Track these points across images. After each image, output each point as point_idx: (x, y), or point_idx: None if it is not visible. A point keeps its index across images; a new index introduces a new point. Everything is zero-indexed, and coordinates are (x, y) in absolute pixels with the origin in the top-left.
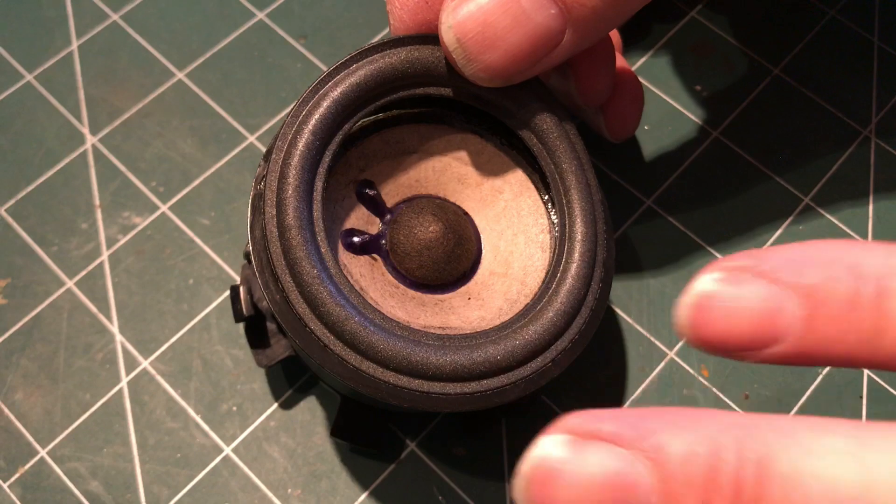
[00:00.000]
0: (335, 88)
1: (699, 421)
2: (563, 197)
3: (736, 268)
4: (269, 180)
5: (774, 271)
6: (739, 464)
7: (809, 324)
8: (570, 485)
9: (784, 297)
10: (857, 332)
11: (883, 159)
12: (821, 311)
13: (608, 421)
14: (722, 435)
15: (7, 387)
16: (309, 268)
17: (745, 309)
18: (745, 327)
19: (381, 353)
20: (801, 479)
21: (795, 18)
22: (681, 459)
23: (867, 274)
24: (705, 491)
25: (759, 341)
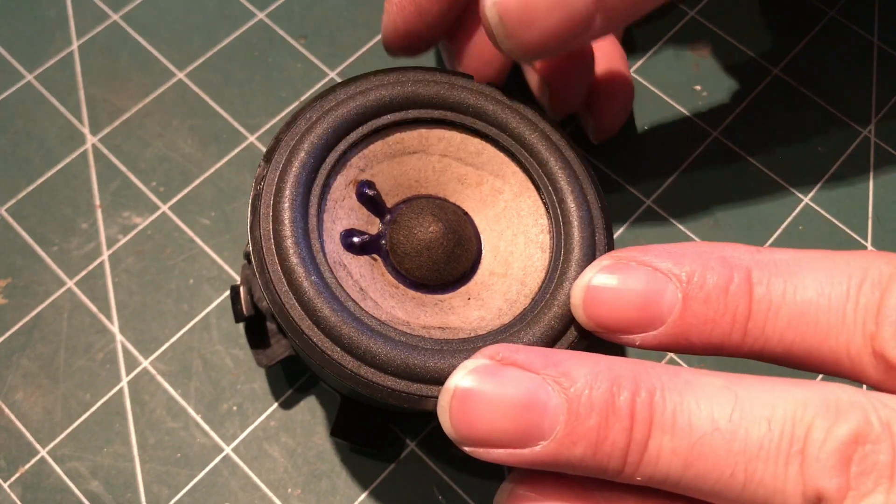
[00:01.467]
0: (340, 108)
1: (601, 358)
2: (559, 205)
3: (622, 258)
4: (267, 183)
5: (655, 261)
6: (635, 391)
7: (686, 306)
8: (486, 402)
9: (665, 283)
10: (730, 316)
11: (883, 159)
12: (697, 294)
13: (522, 351)
14: (620, 369)
15: (7, 386)
16: (304, 275)
17: (629, 292)
18: (630, 310)
19: (378, 358)
20: (685, 406)
21: (795, 18)
22: (584, 383)
23: (737, 265)
24: (605, 412)
25: (643, 323)
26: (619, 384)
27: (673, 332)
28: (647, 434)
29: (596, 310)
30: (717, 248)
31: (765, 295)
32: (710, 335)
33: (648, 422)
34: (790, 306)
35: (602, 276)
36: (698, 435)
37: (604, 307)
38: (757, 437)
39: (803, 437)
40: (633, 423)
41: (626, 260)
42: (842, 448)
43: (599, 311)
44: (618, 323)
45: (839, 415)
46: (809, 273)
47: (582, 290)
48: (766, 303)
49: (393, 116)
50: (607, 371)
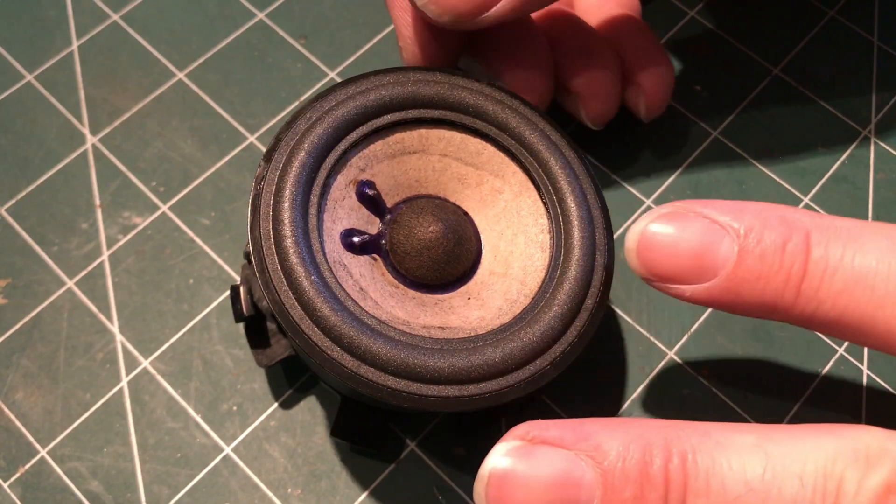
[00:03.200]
0: (340, 108)
1: (631, 424)
2: (559, 205)
3: (681, 206)
4: (267, 183)
5: (714, 213)
6: (667, 458)
7: (741, 260)
8: (523, 485)
9: (721, 235)
10: (784, 274)
11: (883, 159)
12: (753, 249)
13: (552, 428)
14: (650, 435)
15: (7, 386)
16: (304, 275)
17: (686, 241)
18: (685, 258)
19: (378, 357)
20: (718, 468)
21: (795, 18)
22: (617, 456)
23: (797, 226)
24: (640, 482)
25: (696, 273)
26: (650, 452)
27: (725, 286)
28: (683, 499)
29: (650, 255)
30: (778, 208)
31: (822, 257)
32: (763, 292)
33: (683, 487)
34: (847, 270)
35: (659, 223)
36: (733, 497)
37: (658, 253)
38: (790, 495)
39: (835, 490)
40: (668, 490)
41: (685, 209)
42: (874, 499)
43: (654, 256)
44: (671, 271)
45: (870, 465)
46: (871, 240)
47: (638, 235)
48: (823, 264)
49: (393, 116)
50: (638, 439)
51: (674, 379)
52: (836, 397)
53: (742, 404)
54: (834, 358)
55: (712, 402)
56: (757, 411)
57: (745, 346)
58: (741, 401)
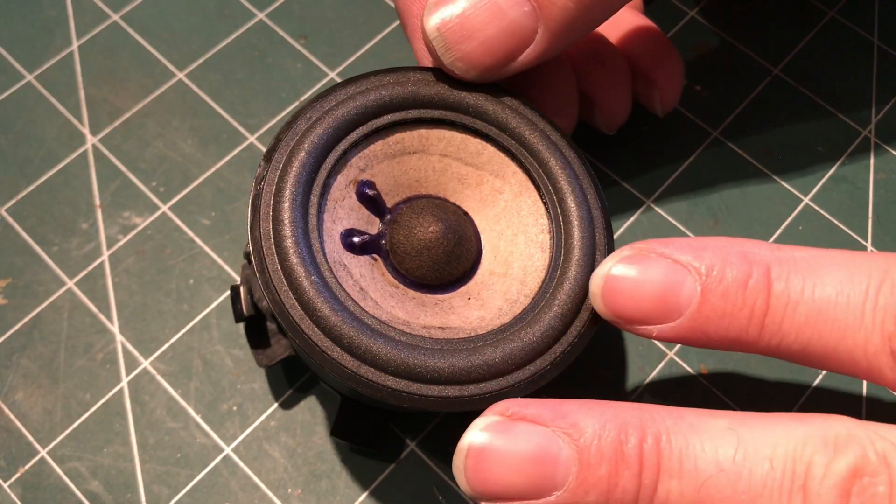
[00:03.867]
0: (340, 108)
1: (608, 405)
2: (559, 205)
3: (643, 248)
4: (267, 183)
5: (675, 253)
6: (642, 438)
7: (705, 299)
8: (500, 460)
9: (683, 275)
10: (748, 311)
11: (883, 159)
12: (716, 288)
13: (531, 405)
14: (626, 416)
15: (7, 387)
16: (304, 275)
17: (649, 283)
18: (649, 301)
19: (378, 357)
20: (691, 449)
21: (795, 18)
22: (593, 434)
23: (757, 260)
24: (615, 460)
25: (660, 314)
26: (626, 431)
27: (690, 325)
28: (656, 479)
29: (614, 299)
30: (737, 243)
31: (783, 291)
32: (728, 329)
33: (656, 467)
34: (808, 303)
35: (622, 265)
36: (704, 477)
37: (622, 297)
38: (760, 477)
39: (804, 473)
40: (641, 468)
41: (646, 251)
42: (841, 482)
43: (618, 300)
44: (636, 313)
45: (837, 450)
46: (829, 271)
47: (601, 279)
48: (785, 299)
49: (393, 116)
50: (614, 419)
51: (674, 379)
52: (837, 397)
53: (742, 404)
54: None
55: (712, 402)
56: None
57: None
58: (741, 401)
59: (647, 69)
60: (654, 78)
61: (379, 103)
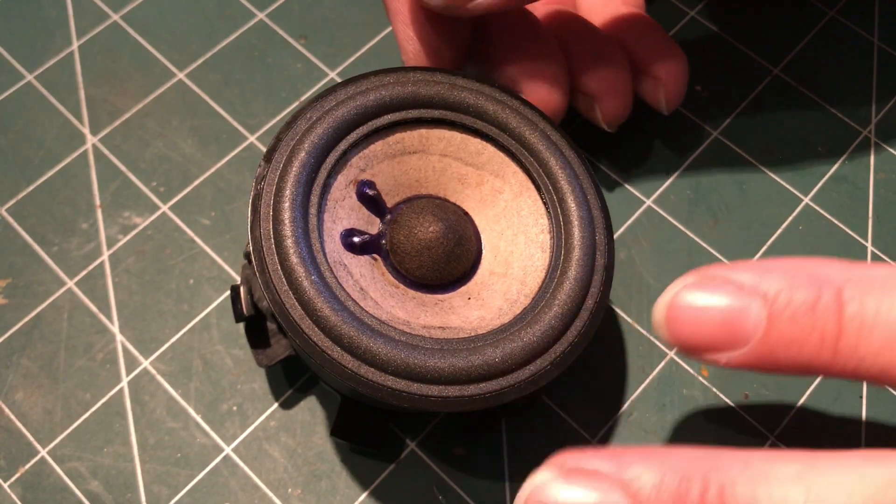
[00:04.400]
0: (340, 108)
1: (669, 454)
2: (559, 205)
3: (707, 275)
4: (267, 183)
5: (740, 278)
6: (704, 489)
7: (772, 325)
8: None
9: (749, 301)
10: (818, 335)
11: (883, 159)
12: (783, 313)
13: (590, 458)
14: (688, 465)
15: (7, 386)
16: (304, 275)
17: (713, 310)
18: (714, 328)
19: (378, 357)
20: (757, 500)
21: (795, 18)
22: (653, 487)
23: (827, 282)
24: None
25: (727, 342)
26: (687, 482)
27: (759, 352)
28: None
29: (679, 328)
30: (807, 264)
31: (857, 313)
32: (799, 354)
33: None
34: (885, 325)
35: (686, 293)
36: None
37: (687, 325)
38: None
39: None
40: None
41: (710, 277)
42: None
43: (683, 329)
44: (701, 341)
45: None
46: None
47: (665, 307)
48: (859, 321)
49: (393, 116)
50: (674, 470)
51: (674, 379)
52: (837, 397)
53: (742, 404)
54: None
55: (712, 402)
56: (757, 411)
57: None
58: (741, 401)
59: (650, 66)
60: (659, 75)
61: (379, 103)
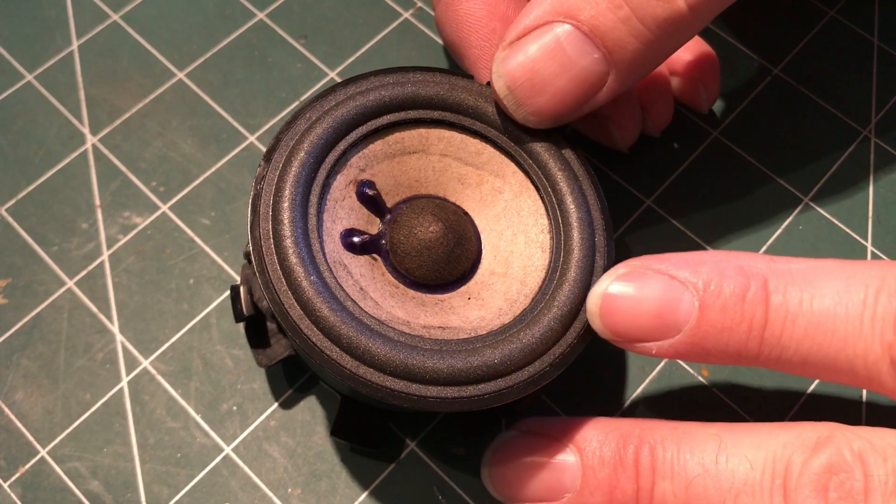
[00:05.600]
0: (340, 108)
1: (612, 422)
2: (558, 207)
3: (639, 266)
4: (267, 183)
5: (672, 269)
6: (639, 445)
7: (703, 315)
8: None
9: (681, 291)
10: (746, 324)
11: (883, 159)
12: (714, 303)
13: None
14: (628, 429)
15: (7, 386)
16: (304, 275)
17: (646, 300)
18: (647, 318)
19: (377, 358)
20: (681, 454)
21: (795, 18)
22: (597, 444)
23: (754, 273)
24: (614, 466)
25: (659, 332)
26: (625, 441)
27: (689, 341)
28: (652, 481)
29: (612, 318)
30: (734, 256)
31: (782, 303)
32: (727, 344)
33: (651, 470)
34: (807, 315)
35: (618, 284)
36: (692, 477)
37: (620, 315)
38: (742, 476)
39: (783, 472)
40: (637, 472)
41: (642, 268)
42: (818, 478)
43: (616, 319)
44: (634, 331)
45: (815, 450)
46: (826, 282)
47: (598, 298)
48: (783, 311)
49: (393, 117)
50: (616, 431)
51: (674, 379)
52: (837, 397)
53: (742, 404)
54: None
55: (712, 402)
56: (757, 411)
57: None
58: (741, 401)
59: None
60: (699, 77)
61: (379, 103)
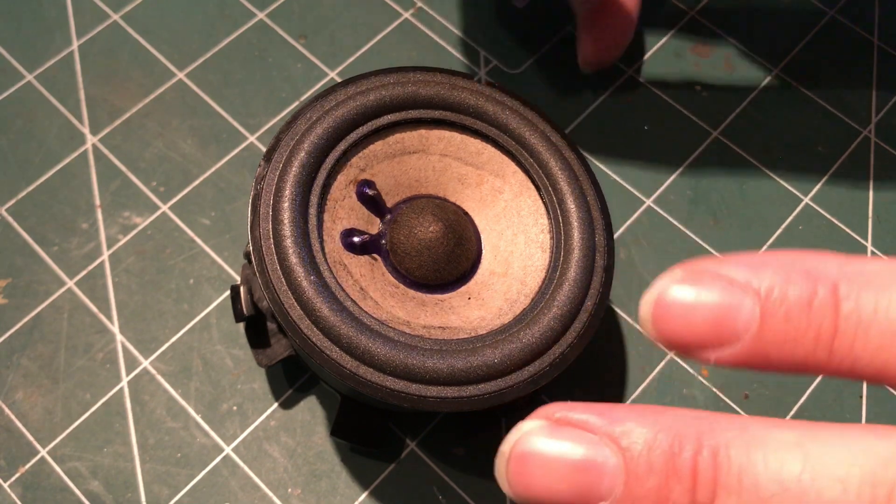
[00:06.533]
0: (340, 108)
1: (663, 413)
2: (559, 207)
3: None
4: (267, 183)
5: (731, 273)
6: (697, 449)
7: (765, 322)
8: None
9: (741, 297)
10: (813, 333)
11: (882, 159)
12: (777, 310)
13: (578, 410)
14: (682, 425)
15: (7, 386)
16: (303, 275)
17: (703, 306)
18: (703, 325)
19: (377, 358)
20: (752, 465)
21: (795, 18)
22: (644, 444)
23: (823, 277)
24: (666, 474)
25: (717, 339)
26: (680, 442)
27: (750, 350)
28: (712, 496)
29: (666, 325)
30: (801, 258)
31: (853, 311)
32: (792, 353)
33: (712, 482)
34: (882, 323)
35: (674, 288)
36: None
37: (674, 322)
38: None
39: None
40: (695, 484)
41: (699, 271)
42: None
43: (670, 326)
44: (690, 339)
45: None
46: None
47: (652, 303)
48: (855, 319)
49: (393, 116)
50: (668, 429)
51: (674, 379)
52: (837, 397)
53: (742, 404)
54: None
55: (712, 402)
56: (757, 411)
57: None
58: (741, 401)
59: None
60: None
61: (379, 103)
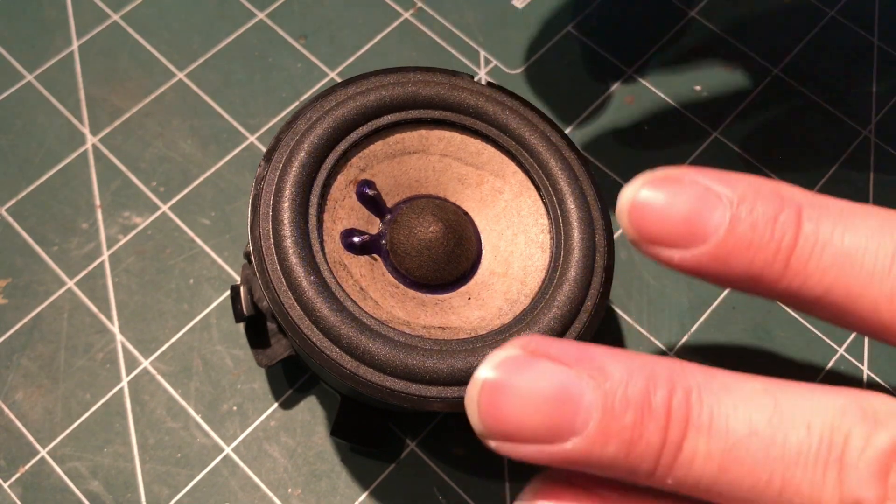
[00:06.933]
0: (340, 108)
1: (636, 355)
2: (559, 207)
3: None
4: (267, 183)
5: (708, 181)
6: (671, 390)
7: (733, 227)
8: (517, 396)
9: (714, 202)
10: (775, 245)
11: (883, 159)
12: (745, 218)
13: (555, 344)
14: (656, 367)
15: (7, 386)
16: (304, 275)
17: (679, 205)
18: (676, 222)
19: (377, 358)
20: (723, 407)
21: (795, 18)
22: (620, 380)
23: (790, 201)
24: (641, 409)
25: (686, 238)
26: (654, 382)
27: (714, 253)
28: (683, 435)
29: (641, 217)
30: (772, 182)
31: (813, 231)
32: (752, 262)
33: (684, 422)
34: (837, 246)
35: (653, 186)
36: (735, 438)
37: (650, 216)
38: (795, 443)
39: (842, 444)
40: (668, 422)
41: (679, 175)
42: (880, 458)
43: (645, 219)
44: (661, 234)
45: (878, 424)
46: (862, 220)
47: (630, 197)
48: (813, 239)
49: (393, 116)
50: (643, 369)
51: None
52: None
53: None
54: (834, 358)
55: None
56: None
57: (744, 346)
58: None
59: None
60: None
61: (379, 103)
